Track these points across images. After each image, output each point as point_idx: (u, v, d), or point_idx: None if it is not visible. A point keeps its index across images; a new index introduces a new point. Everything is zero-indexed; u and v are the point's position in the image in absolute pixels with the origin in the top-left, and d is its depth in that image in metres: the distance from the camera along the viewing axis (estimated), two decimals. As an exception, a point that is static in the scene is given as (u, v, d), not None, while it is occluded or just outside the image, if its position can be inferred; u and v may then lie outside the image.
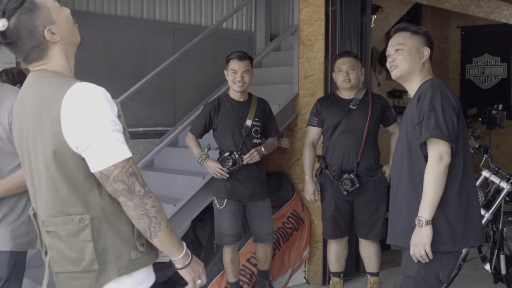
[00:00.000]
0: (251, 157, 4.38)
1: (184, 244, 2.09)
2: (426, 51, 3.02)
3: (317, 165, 4.67)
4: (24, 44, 1.97)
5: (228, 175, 4.39)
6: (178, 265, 2.08)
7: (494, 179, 4.39)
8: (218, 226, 4.51)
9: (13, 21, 1.92)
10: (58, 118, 1.89)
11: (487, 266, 4.51)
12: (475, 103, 8.92)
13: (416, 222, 2.80)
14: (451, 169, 2.80)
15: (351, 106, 4.53)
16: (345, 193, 4.41)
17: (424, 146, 2.83)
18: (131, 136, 2.31)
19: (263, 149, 4.49)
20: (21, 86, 4.56)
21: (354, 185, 4.37)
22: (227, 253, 4.55)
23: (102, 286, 1.98)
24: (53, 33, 1.99)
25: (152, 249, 2.07)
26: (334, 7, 5.30)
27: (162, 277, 4.61)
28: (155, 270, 2.18)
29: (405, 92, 7.75)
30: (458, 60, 9.42)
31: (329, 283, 5.07)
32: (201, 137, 4.56)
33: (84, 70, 6.08)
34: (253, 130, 4.46)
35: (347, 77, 4.49)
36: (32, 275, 5.01)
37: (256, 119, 4.49)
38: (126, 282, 2.01)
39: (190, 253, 2.09)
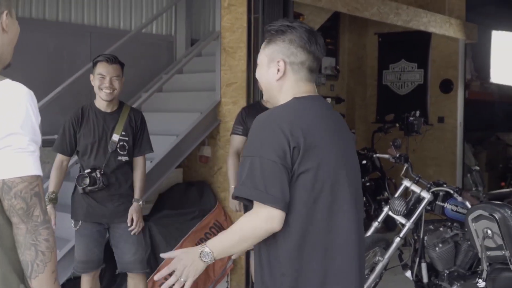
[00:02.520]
0: (137, 226, 3.96)
1: None
2: (282, 63, 2.06)
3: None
4: None
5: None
6: None
7: (415, 188, 4.43)
8: (75, 251, 4.06)
9: None
10: None
11: (408, 274, 4.55)
12: (392, 109, 9.09)
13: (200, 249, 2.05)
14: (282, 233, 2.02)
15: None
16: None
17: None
18: (47, 144, 2.08)
19: (140, 203, 4.03)
20: None
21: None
22: (84, 283, 4.03)
23: None
24: (8, 19, 1.81)
25: None
26: (256, 14, 5.25)
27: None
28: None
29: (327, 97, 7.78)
30: (375, 67, 9.55)
31: (252, 293, 5.02)
32: (71, 154, 4.02)
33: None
34: (118, 145, 3.95)
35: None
36: None
37: (124, 133, 3.98)
38: None
39: None
